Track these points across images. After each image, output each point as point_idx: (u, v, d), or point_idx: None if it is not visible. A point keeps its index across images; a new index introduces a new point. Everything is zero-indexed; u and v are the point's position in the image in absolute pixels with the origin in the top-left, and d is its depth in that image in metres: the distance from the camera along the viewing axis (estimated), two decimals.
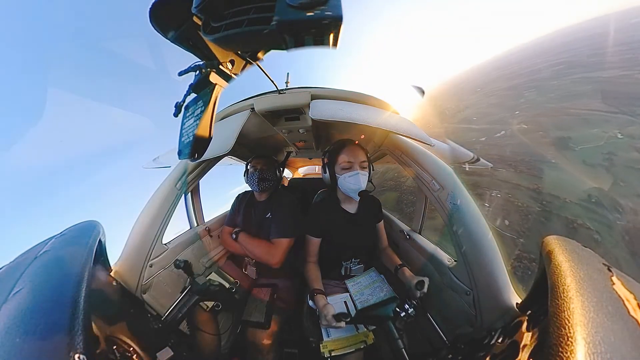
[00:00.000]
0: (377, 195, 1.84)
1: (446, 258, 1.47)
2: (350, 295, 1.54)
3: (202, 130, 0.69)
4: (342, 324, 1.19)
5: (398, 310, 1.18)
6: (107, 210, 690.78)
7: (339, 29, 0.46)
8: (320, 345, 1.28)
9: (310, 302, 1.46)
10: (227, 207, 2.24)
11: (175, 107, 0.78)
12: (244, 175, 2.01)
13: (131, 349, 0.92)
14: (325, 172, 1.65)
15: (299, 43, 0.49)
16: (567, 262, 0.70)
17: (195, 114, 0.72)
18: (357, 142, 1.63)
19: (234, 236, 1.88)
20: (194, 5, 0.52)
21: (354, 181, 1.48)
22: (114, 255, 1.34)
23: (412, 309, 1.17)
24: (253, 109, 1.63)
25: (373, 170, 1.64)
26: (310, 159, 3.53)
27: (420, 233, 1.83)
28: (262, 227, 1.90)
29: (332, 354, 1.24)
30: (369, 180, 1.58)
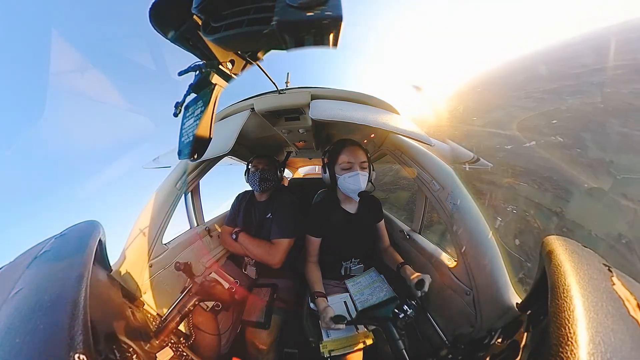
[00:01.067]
0: (390, 194, 1.84)
1: (446, 258, 1.48)
2: (350, 295, 1.54)
3: (202, 130, 0.69)
4: (341, 326, 1.19)
5: (397, 311, 1.17)
6: (107, 210, 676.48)
7: (339, 29, 0.46)
8: (320, 345, 1.28)
9: (312, 304, 1.47)
10: (227, 206, 2.24)
11: (175, 107, 0.78)
12: (245, 175, 2.01)
13: (131, 349, 0.91)
14: (325, 172, 1.64)
15: (299, 43, 0.49)
16: (567, 262, 0.70)
17: (195, 114, 0.72)
18: (365, 141, 1.63)
19: (234, 236, 1.88)
20: (194, 5, 0.52)
21: (353, 181, 1.48)
22: (114, 255, 1.34)
23: (411, 310, 1.16)
24: (253, 109, 1.63)
25: (373, 170, 1.64)
26: (310, 159, 3.53)
27: (420, 233, 1.83)
28: (263, 227, 1.90)
29: (332, 354, 1.24)
30: (369, 181, 1.58)
